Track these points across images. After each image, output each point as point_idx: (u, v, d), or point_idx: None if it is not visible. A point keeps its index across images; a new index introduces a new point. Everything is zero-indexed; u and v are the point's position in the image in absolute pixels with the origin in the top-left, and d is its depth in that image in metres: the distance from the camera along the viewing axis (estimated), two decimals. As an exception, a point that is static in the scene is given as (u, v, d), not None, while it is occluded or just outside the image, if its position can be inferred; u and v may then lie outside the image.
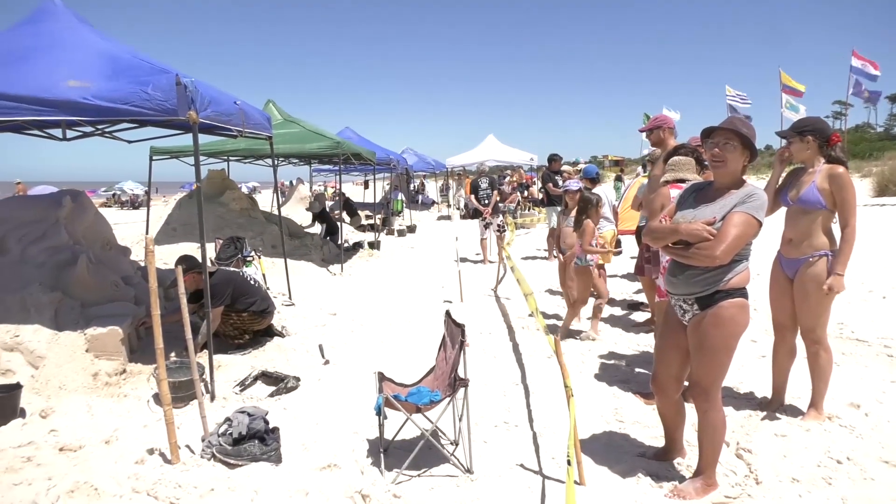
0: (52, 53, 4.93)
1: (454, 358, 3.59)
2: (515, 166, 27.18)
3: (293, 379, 4.92)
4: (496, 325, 6.96)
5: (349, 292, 8.86)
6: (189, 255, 6.29)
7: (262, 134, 7.02)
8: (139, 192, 36.90)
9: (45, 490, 3.20)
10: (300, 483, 3.33)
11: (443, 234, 17.01)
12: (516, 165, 26.58)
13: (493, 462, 3.72)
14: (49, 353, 4.85)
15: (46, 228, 5.72)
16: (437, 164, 28.00)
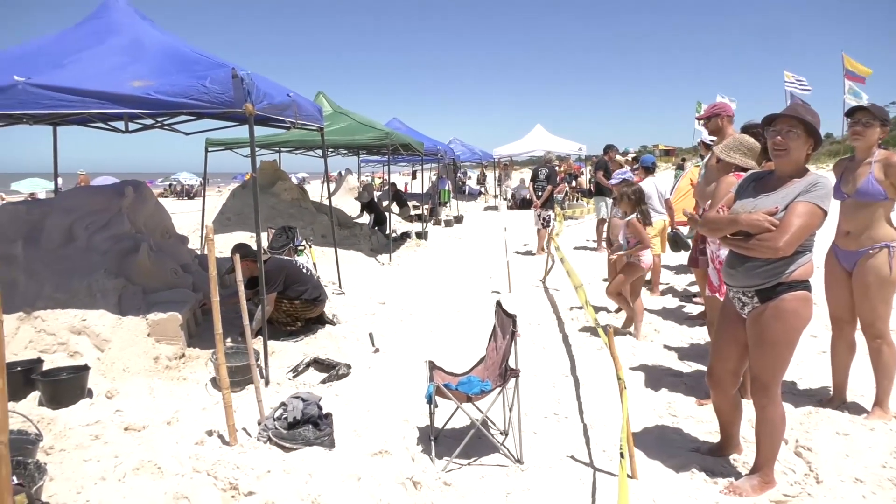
0: (117, 48, 5.11)
1: (505, 348, 3.59)
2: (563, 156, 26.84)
3: (344, 366, 5.01)
4: (545, 316, 6.92)
5: (397, 282, 8.94)
6: (244, 243, 6.46)
7: (313, 125, 7.12)
8: (194, 182, 37.99)
9: (112, 467, 3.35)
10: (353, 468, 3.39)
11: (490, 225, 16.97)
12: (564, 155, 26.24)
13: (543, 453, 3.71)
14: (114, 337, 5.07)
15: (110, 217, 5.95)
16: (483, 155, 27.90)
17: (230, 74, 4.62)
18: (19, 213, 5.84)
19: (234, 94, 4.64)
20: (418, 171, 29.21)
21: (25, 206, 6.10)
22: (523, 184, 23.40)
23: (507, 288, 8.12)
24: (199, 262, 6.89)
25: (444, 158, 19.41)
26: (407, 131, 15.88)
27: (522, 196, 22.00)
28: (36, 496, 2.56)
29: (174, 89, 4.60)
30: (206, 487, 3.11)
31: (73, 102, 4.51)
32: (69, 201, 6.11)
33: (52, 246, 5.61)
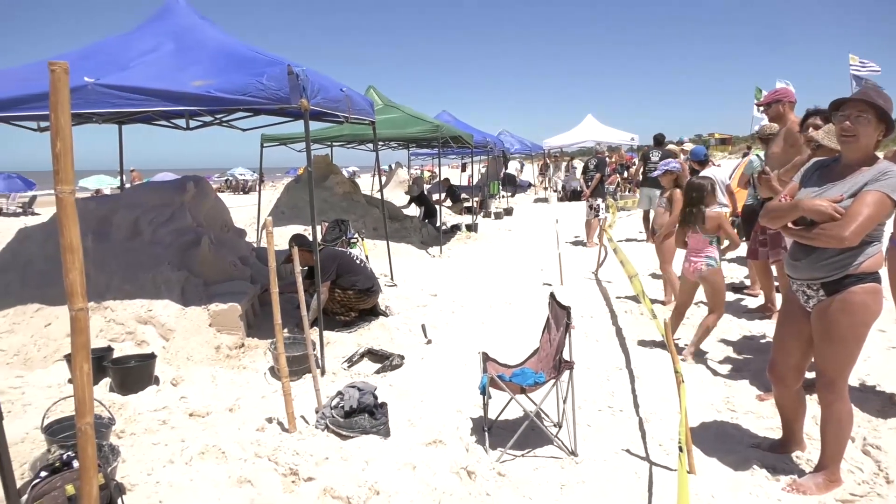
0: (177, 48, 5.29)
1: (559, 340, 3.57)
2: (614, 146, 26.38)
3: (398, 357, 5.08)
4: (598, 308, 6.84)
5: (448, 274, 8.99)
6: (300, 233, 6.62)
7: (365, 119, 7.22)
8: (248, 177, 38.97)
9: (179, 451, 3.49)
10: (408, 457, 3.44)
11: (540, 217, 16.84)
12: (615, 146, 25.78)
13: (598, 446, 3.69)
14: (177, 327, 5.27)
15: (173, 212, 6.18)
16: (533, 146, 27.67)
17: (286, 71, 4.73)
18: (89, 209, 6.13)
19: (290, 90, 4.74)
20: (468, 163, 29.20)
21: (95, 202, 6.40)
22: (573, 174, 23.11)
23: (559, 280, 8.06)
24: (257, 254, 7.09)
25: (494, 150, 19.35)
26: (456, 124, 15.90)
27: (573, 188, 21.74)
28: (111, 476, 2.69)
29: (233, 87, 4.74)
30: (268, 472, 3.22)
31: (139, 101, 4.70)
32: (134, 197, 6.38)
33: (120, 239, 5.86)
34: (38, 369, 4.92)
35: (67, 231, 1.49)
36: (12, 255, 5.95)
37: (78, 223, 1.53)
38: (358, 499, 3.00)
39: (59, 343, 5.16)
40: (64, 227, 1.49)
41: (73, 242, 1.51)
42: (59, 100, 1.36)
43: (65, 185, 1.46)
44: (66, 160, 1.39)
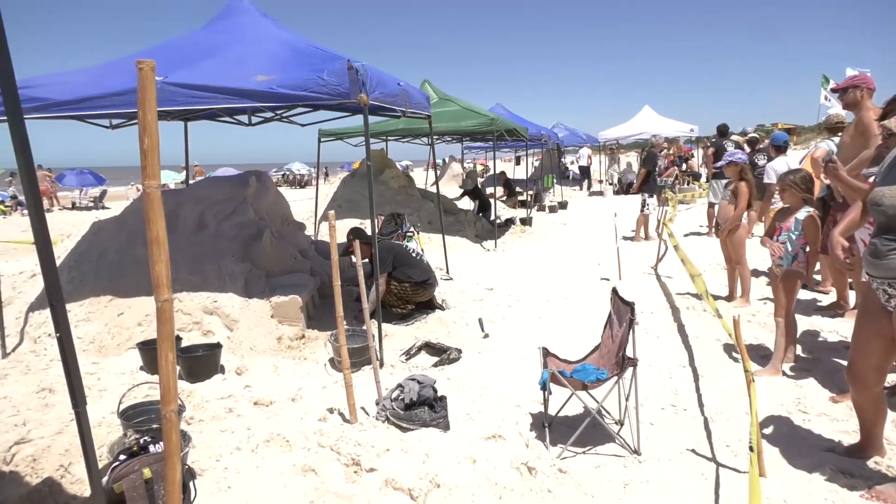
0: (241, 46, 5.42)
1: (622, 336, 3.50)
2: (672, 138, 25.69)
3: (455, 350, 5.08)
4: (658, 304, 6.68)
5: (504, 268, 8.94)
6: (357, 227, 6.70)
7: (422, 113, 7.23)
8: (305, 171, 39.73)
9: (245, 438, 3.59)
10: (467, 450, 3.44)
11: (595, 211, 16.57)
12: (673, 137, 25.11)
13: (662, 445, 3.61)
14: (241, 318, 5.42)
15: (236, 206, 6.35)
16: (588, 138, 27.24)
17: (346, 66, 4.77)
18: (158, 203, 6.35)
19: (350, 85, 4.79)
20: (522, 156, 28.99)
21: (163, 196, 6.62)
22: (630, 168, 22.64)
23: (618, 275, 7.91)
24: (315, 247, 7.21)
25: (549, 143, 19.15)
26: (510, 116, 15.80)
27: (629, 181, 21.29)
28: (182, 461, 2.79)
29: (294, 82, 4.82)
30: (331, 462, 3.27)
31: (205, 98, 4.83)
32: (200, 191, 6.58)
33: (187, 232, 6.06)
34: (112, 356, 5.15)
35: (154, 224, 1.54)
36: (88, 247, 6.23)
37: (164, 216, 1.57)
38: (419, 491, 3.01)
39: (131, 332, 5.39)
40: (150, 221, 1.54)
41: (159, 235, 1.56)
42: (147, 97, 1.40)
43: (152, 180, 1.51)
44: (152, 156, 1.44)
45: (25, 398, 4.32)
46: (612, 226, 8.71)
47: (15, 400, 4.28)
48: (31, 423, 3.94)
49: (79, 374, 2.16)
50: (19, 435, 3.74)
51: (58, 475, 3.24)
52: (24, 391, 4.44)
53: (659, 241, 8.53)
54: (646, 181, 11.08)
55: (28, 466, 3.40)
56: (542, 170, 22.06)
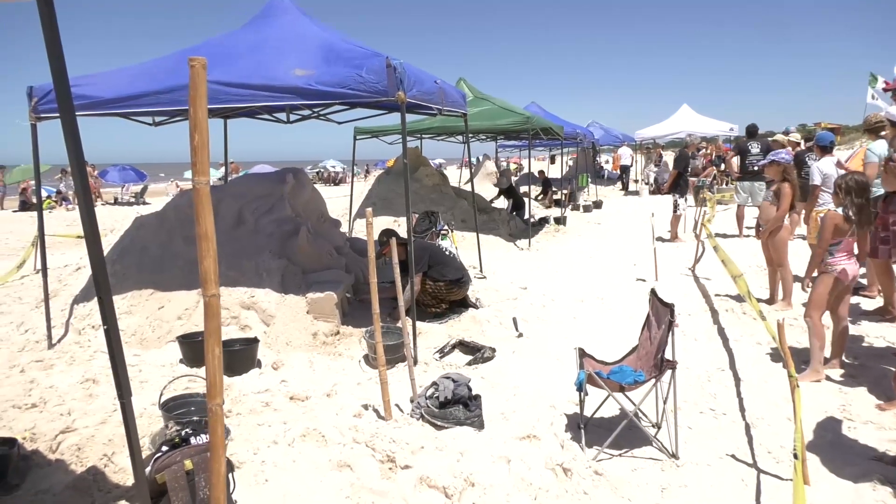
0: (281, 44, 5.48)
1: (660, 338, 3.45)
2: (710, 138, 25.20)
3: (489, 349, 5.07)
4: (696, 305, 6.56)
5: (538, 267, 8.89)
6: (389, 228, 6.73)
7: (458, 111, 7.23)
8: (339, 169, 40.09)
9: (282, 432, 3.63)
10: (502, 450, 3.42)
11: (631, 211, 16.36)
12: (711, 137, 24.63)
13: (700, 449, 3.54)
14: (278, 313, 5.48)
15: (274, 202, 6.43)
16: (624, 137, 26.90)
17: (384, 64, 4.79)
18: (198, 199, 6.47)
19: (388, 82, 4.81)
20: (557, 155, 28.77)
21: (203, 192, 6.74)
22: (665, 167, 22.28)
23: (654, 276, 7.79)
24: (351, 244, 7.26)
25: (584, 142, 18.98)
26: (545, 115, 15.69)
27: (665, 180, 20.96)
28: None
29: (333, 79, 4.86)
30: (366, 458, 3.28)
31: (245, 96, 4.90)
32: (238, 187, 6.68)
33: (226, 228, 6.16)
34: (152, 349, 5.27)
35: (203, 220, 1.56)
36: (130, 242, 6.38)
37: (212, 212, 1.59)
38: (454, 489, 3.01)
39: (171, 325, 5.50)
40: (200, 216, 1.56)
41: (207, 231, 1.58)
42: (198, 94, 1.42)
43: (201, 176, 1.53)
44: (202, 152, 1.46)
45: (71, 388, 4.44)
46: (647, 226, 8.59)
47: (61, 390, 4.41)
48: (76, 412, 4.05)
49: (125, 366, 2.21)
50: (65, 424, 3.86)
51: (101, 464, 3.33)
52: (70, 381, 4.57)
53: (697, 241, 8.38)
54: (676, 182, 10.88)
55: (73, 455, 3.50)
56: (576, 169, 21.86)
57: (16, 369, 4.86)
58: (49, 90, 5.17)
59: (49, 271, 5.83)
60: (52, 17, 1.91)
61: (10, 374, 4.75)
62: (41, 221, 5.81)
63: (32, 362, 4.99)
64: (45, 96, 5.16)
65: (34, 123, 5.29)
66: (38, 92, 5.20)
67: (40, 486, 3.12)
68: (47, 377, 4.68)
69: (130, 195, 25.08)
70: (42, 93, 5.18)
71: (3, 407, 4.14)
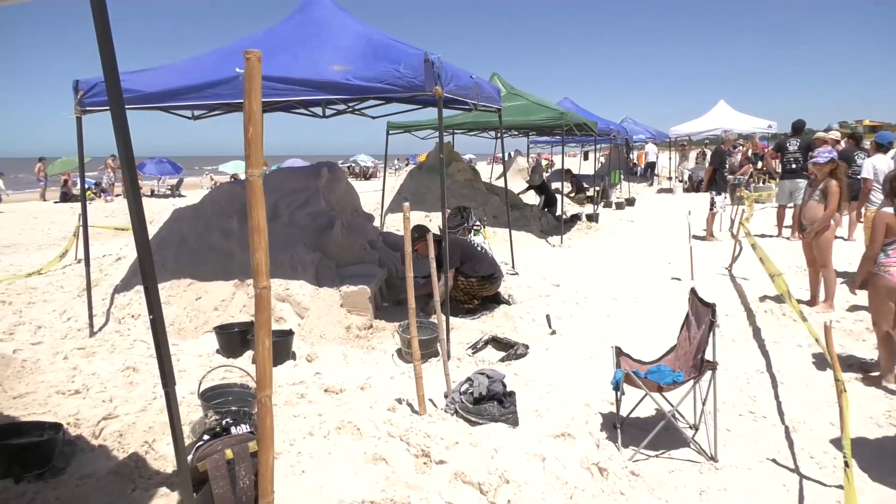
0: (318, 39, 5.51)
1: (700, 338, 3.38)
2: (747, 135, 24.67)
3: (522, 346, 5.04)
4: (732, 306, 6.44)
5: (570, 264, 8.81)
6: (421, 224, 6.73)
7: (492, 106, 7.19)
8: (370, 164, 40.30)
9: (317, 424, 3.66)
10: (536, 448, 3.40)
11: (664, 208, 16.12)
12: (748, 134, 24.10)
13: (739, 452, 3.47)
14: (312, 306, 5.53)
15: (308, 196, 6.49)
16: (658, 134, 26.50)
17: (422, 59, 4.79)
18: (234, 192, 6.56)
19: (425, 77, 4.80)
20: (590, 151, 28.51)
21: (240, 186, 6.83)
22: (702, 164, 21.90)
23: (689, 275, 7.67)
24: (384, 239, 7.29)
25: (617, 138, 18.75)
26: (579, 111, 15.53)
27: (700, 178, 20.60)
28: (260, 444, 2.86)
29: (370, 74, 4.87)
30: (401, 452, 3.30)
31: (284, 91, 4.94)
32: (273, 181, 6.75)
33: (261, 221, 6.22)
34: (190, 339, 5.36)
35: (255, 212, 1.58)
36: (168, 233, 6.50)
37: (264, 205, 1.60)
38: (489, 486, 3.00)
39: (207, 315, 5.59)
40: (252, 209, 1.57)
41: (259, 223, 1.60)
42: (253, 86, 1.43)
43: (255, 169, 1.54)
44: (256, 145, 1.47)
45: (112, 376, 4.55)
46: (683, 224, 8.45)
47: (103, 377, 4.51)
48: (118, 399, 4.15)
49: (169, 356, 2.24)
50: (107, 410, 3.95)
51: (142, 451, 3.40)
52: (111, 369, 4.68)
53: (734, 240, 8.21)
54: (713, 179, 10.66)
55: (115, 441, 3.58)
56: (609, 165, 21.61)
57: (59, 356, 4.99)
58: (94, 84, 5.29)
59: (90, 261, 5.97)
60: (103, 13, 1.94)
61: (55, 361, 4.88)
62: (85, 212, 5.95)
63: (75, 350, 5.11)
64: (90, 90, 5.27)
65: (79, 116, 5.41)
66: (84, 85, 5.32)
67: (84, 471, 3.20)
68: (89, 364, 4.80)
69: (167, 187, 25.55)
70: (87, 86, 5.30)
71: (48, 392, 4.26)
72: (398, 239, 7.68)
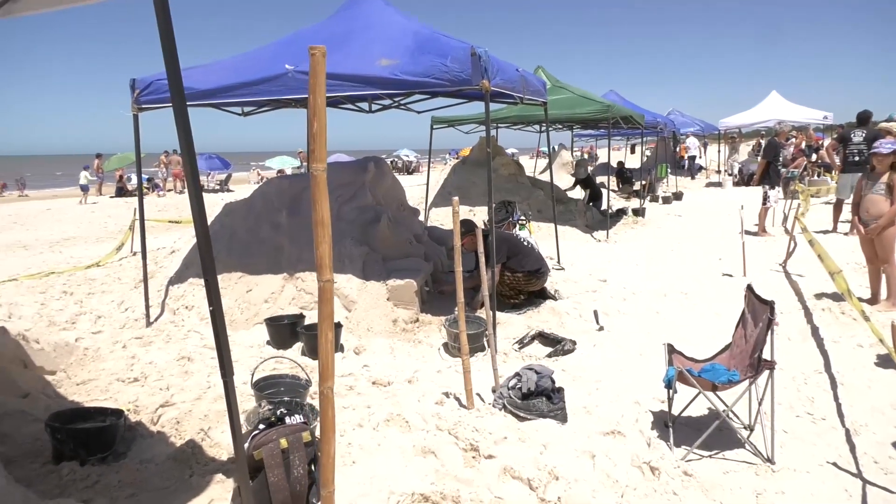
0: (366, 35, 5.55)
1: (757, 337, 3.29)
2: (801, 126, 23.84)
3: (570, 342, 4.99)
4: (787, 303, 6.23)
5: (616, 259, 8.69)
6: (468, 219, 6.72)
7: (538, 100, 7.13)
8: (412, 158, 40.47)
9: (366, 416, 3.71)
10: (586, 445, 3.37)
11: (713, 203, 15.74)
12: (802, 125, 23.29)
13: (798, 455, 3.37)
14: (359, 299, 5.59)
15: (356, 190, 6.55)
16: (706, 126, 25.86)
17: (469, 53, 4.77)
18: (284, 186, 6.68)
19: (472, 71, 4.79)
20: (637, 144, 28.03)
21: (288, 181, 6.95)
22: (753, 157, 21.28)
23: (742, 271, 7.46)
24: (429, 233, 7.32)
25: (664, 131, 18.38)
26: (624, 103, 15.27)
27: (751, 171, 20.01)
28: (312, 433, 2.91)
29: (417, 69, 4.88)
30: (449, 445, 3.31)
31: (334, 86, 4.99)
32: (322, 176, 6.84)
33: (310, 215, 6.26)
34: (241, 330, 5.48)
35: (319, 206, 1.60)
36: (220, 227, 6.65)
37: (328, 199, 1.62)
38: (539, 482, 2.99)
39: (258, 308, 5.71)
40: (316, 203, 1.59)
41: (324, 217, 1.62)
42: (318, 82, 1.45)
43: (319, 163, 1.56)
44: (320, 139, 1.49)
45: (168, 365, 4.69)
46: (734, 219, 8.22)
47: (159, 366, 4.66)
48: (174, 388, 4.27)
49: (228, 347, 2.30)
50: (164, 398, 4.08)
51: (198, 438, 3.49)
52: (167, 358, 4.82)
53: (789, 236, 7.96)
54: (766, 172, 10.31)
55: (172, 428, 3.69)
56: (655, 159, 21.20)
57: (118, 345, 5.17)
58: (149, 82, 5.44)
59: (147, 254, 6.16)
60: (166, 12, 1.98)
61: (114, 350, 5.06)
62: (142, 207, 6.14)
63: (133, 339, 5.30)
64: (146, 88, 5.43)
65: (136, 114, 5.58)
66: (140, 84, 5.48)
67: (144, 456, 3.31)
68: (146, 353, 4.96)
69: (216, 183, 26.14)
70: (143, 85, 5.46)
71: (109, 380, 4.42)
72: (443, 233, 7.69)
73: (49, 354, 4.57)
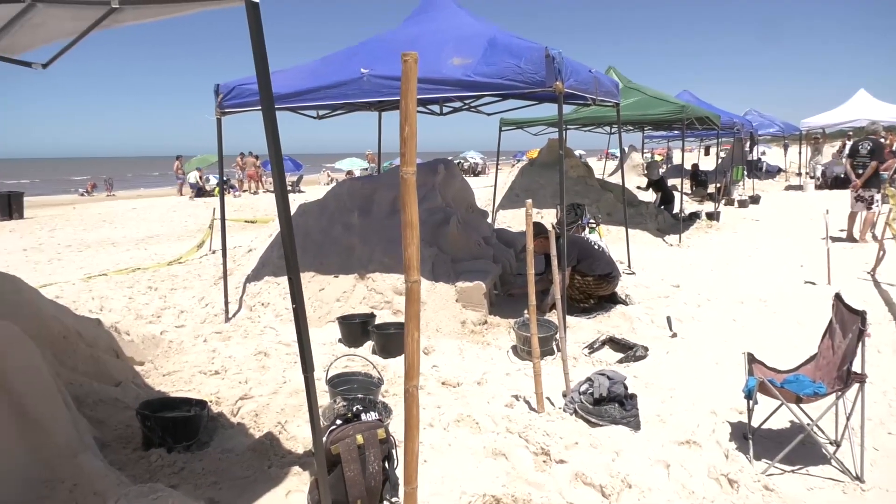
0: (440, 37, 5.62)
1: (846, 348, 3.13)
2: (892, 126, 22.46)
3: (642, 348, 4.89)
4: (877, 314, 5.88)
5: (689, 264, 8.44)
6: (538, 221, 6.68)
7: (610, 101, 7.02)
8: (479, 160, 40.54)
9: (437, 416, 3.75)
10: (659, 453, 3.29)
11: (793, 207, 15.04)
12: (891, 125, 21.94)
13: (889, 474, 3.18)
14: (428, 300, 5.65)
15: (426, 192, 6.62)
16: (786, 127, 24.74)
17: (543, 54, 4.75)
18: (356, 188, 6.83)
19: (546, 73, 4.77)
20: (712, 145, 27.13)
21: (360, 182, 7.10)
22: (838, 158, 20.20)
23: (826, 279, 7.11)
24: (497, 235, 7.32)
25: (741, 132, 17.72)
26: (698, 104, 14.81)
27: (835, 174, 19.00)
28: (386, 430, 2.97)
29: (491, 70, 4.91)
30: (520, 449, 3.30)
31: (406, 89, 5.06)
32: (393, 178, 6.95)
33: (381, 216, 6.44)
34: (314, 327, 5.62)
35: (408, 208, 1.64)
36: (294, 226, 6.82)
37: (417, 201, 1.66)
38: (611, 489, 2.94)
39: (330, 306, 5.86)
40: (405, 205, 1.63)
41: (412, 219, 1.66)
42: (410, 88, 1.49)
43: (409, 167, 1.60)
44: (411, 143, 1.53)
45: (246, 359, 4.88)
46: (816, 224, 7.84)
47: (238, 360, 4.85)
48: (252, 381, 4.44)
49: (309, 343, 2.38)
50: (243, 391, 4.24)
51: (276, 431, 3.62)
52: (245, 353, 5.01)
53: (878, 242, 7.52)
54: (873, 175, 9.75)
55: (251, 420, 3.84)
56: (731, 161, 20.44)
57: (200, 339, 5.42)
58: (232, 87, 5.68)
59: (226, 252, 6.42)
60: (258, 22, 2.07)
61: (196, 343, 5.30)
62: (223, 207, 6.42)
63: (213, 333, 5.53)
64: (229, 93, 5.67)
65: (219, 118, 5.84)
66: (224, 89, 5.72)
67: (226, 446, 3.46)
68: (226, 348, 5.17)
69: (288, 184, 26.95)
70: (227, 90, 5.70)
71: (192, 372, 4.63)
72: (512, 236, 7.68)
73: (138, 346, 4.84)
